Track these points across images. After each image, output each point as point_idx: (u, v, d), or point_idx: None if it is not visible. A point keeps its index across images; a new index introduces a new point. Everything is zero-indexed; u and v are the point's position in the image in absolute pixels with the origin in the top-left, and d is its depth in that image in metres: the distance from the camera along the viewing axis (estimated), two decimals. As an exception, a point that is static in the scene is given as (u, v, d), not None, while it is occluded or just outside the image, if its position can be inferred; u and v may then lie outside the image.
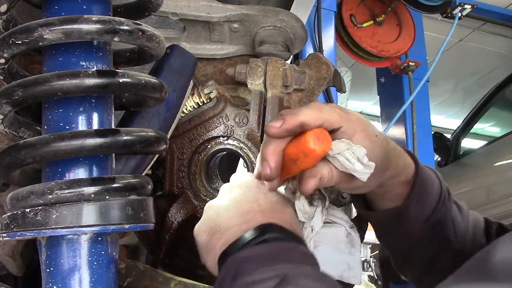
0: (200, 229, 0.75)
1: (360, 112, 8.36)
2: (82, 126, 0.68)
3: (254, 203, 0.72)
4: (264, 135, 0.73)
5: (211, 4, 1.08)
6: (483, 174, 4.07)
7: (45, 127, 0.69)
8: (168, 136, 0.94)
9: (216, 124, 1.10)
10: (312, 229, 0.79)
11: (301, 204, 0.76)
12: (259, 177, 0.75)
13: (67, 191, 0.63)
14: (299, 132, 0.68)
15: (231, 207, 0.73)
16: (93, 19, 0.64)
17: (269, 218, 0.69)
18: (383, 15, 2.99)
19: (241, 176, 0.81)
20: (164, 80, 0.75)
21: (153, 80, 0.71)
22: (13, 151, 0.65)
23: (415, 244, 0.84)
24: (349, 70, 4.28)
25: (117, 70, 0.67)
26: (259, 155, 0.75)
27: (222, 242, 0.68)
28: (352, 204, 1.00)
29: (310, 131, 0.66)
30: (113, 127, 0.73)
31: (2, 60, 0.67)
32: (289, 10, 1.26)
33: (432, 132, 3.49)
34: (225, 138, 1.11)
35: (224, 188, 0.79)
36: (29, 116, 0.76)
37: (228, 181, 0.81)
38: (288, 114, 0.68)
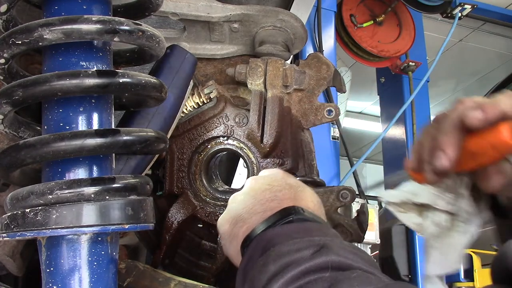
0: (223, 220, 0.74)
1: (360, 112, 8.33)
2: (82, 126, 0.68)
3: (279, 192, 0.71)
4: (436, 122, 0.66)
5: (211, 4, 1.08)
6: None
7: (45, 127, 0.69)
8: (168, 136, 0.94)
9: (216, 124, 1.10)
10: (465, 234, 0.69)
11: (466, 204, 0.68)
12: (418, 169, 0.67)
13: (67, 191, 0.63)
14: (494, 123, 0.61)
15: (256, 196, 0.72)
16: (93, 19, 0.64)
17: (294, 204, 0.67)
18: (383, 15, 2.99)
19: (267, 170, 0.80)
20: (164, 80, 0.75)
21: (153, 80, 0.71)
22: (13, 151, 0.65)
23: None
24: (349, 70, 4.28)
25: (117, 70, 0.67)
26: (414, 147, 0.67)
27: (245, 228, 0.68)
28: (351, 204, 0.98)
29: (506, 122, 0.60)
30: (113, 127, 0.73)
31: (2, 60, 0.67)
32: (289, 10, 1.26)
33: (432, 132, 3.48)
34: (225, 138, 1.11)
35: (249, 180, 0.78)
36: (29, 116, 0.76)
37: (228, 181, 0.81)
38: (485, 103, 0.61)
